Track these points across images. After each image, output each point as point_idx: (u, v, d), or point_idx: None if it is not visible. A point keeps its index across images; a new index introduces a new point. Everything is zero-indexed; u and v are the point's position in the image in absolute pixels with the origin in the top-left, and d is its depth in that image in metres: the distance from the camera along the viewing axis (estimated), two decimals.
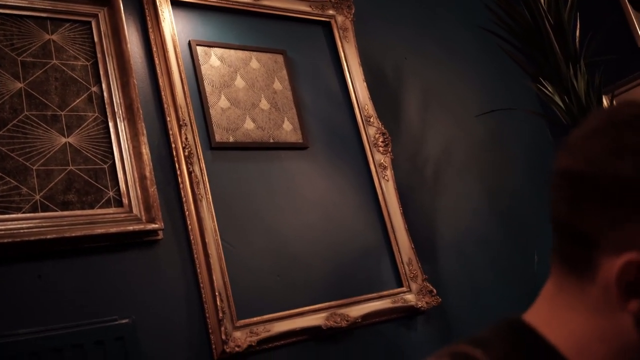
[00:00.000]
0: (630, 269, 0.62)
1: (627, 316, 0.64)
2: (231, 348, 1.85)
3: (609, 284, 0.64)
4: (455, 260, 2.58)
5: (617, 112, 0.67)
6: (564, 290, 0.70)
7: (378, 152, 2.51)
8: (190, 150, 2.01)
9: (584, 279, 0.67)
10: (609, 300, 0.65)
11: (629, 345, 0.65)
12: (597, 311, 0.66)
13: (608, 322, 0.66)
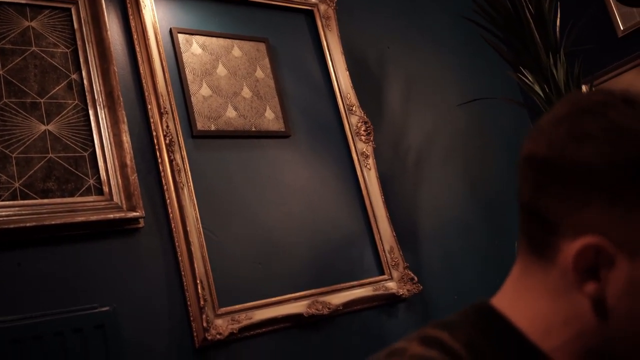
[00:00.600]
0: (587, 252, 0.63)
1: (585, 299, 0.65)
2: (213, 335, 1.86)
3: (567, 267, 0.65)
4: (437, 248, 2.60)
5: (581, 99, 0.68)
6: (529, 274, 0.71)
7: (360, 141, 2.52)
8: (171, 139, 2.01)
9: (546, 262, 0.68)
10: (568, 284, 0.66)
11: (588, 328, 0.66)
12: (558, 294, 0.67)
13: (569, 305, 0.67)
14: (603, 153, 0.63)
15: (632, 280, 0.62)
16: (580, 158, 0.64)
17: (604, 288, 0.64)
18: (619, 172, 0.62)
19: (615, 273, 0.63)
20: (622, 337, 0.64)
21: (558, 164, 0.65)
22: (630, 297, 0.63)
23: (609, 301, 0.64)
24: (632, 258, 0.62)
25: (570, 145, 0.65)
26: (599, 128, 0.64)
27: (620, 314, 0.63)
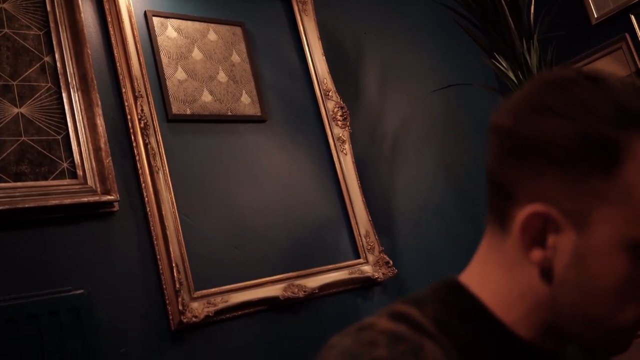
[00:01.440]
0: (535, 219, 0.65)
1: (535, 269, 0.66)
2: (188, 318, 1.87)
3: (516, 234, 0.66)
4: (412, 232, 2.63)
5: (548, 75, 0.70)
6: (492, 247, 0.72)
7: (337, 126, 2.53)
8: (146, 122, 2.00)
9: (504, 233, 0.69)
10: (519, 253, 0.67)
11: (541, 301, 0.67)
12: (513, 266, 0.69)
13: (522, 277, 0.68)
14: (560, 127, 0.64)
15: (578, 252, 0.64)
16: (539, 130, 0.65)
17: (551, 257, 0.65)
18: (572, 146, 0.63)
19: (562, 243, 0.65)
20: (571, 310, 0.66)
21: (518, 135, 0.67)
22: (577, 269, 0.64)
23: (557, 272, 0.65)
24: (579, 230, 0.64)
25: (531, 117, 0.66)
26: (560, 102, 0.65)
27: (568, 286, 0.65)
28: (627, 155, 0.62)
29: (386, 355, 0.63)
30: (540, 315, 0.68)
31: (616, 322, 0.65)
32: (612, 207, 0.63)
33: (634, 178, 0.62)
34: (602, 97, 0.64)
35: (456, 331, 0.68)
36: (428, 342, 0.66)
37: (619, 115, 0.63)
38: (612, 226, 0.63)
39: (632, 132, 0.63)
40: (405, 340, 0.65)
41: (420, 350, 0.64)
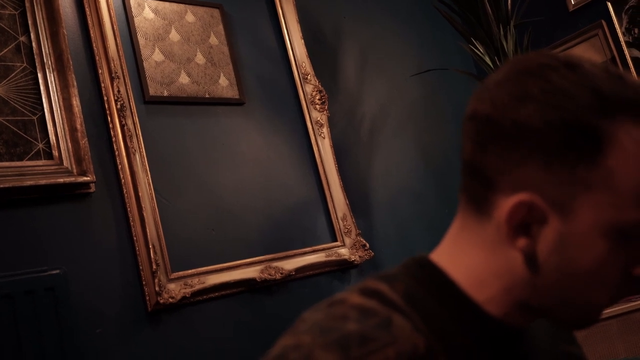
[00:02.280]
0: (521, 208, 0.66)
1: (517, 254, 0.69)
2: (165, 299, 1.88)
3: (501, 222, 0.68)
4: (389, 216, 2.66)
5: (525, 61, 0.70)
6: (466, 229, 0.74)
7: (315, 110, 2.54)
8: (122, 103, 1.99)
9: (482, 217, 0.71)
10: (501, 238, 0.69)
11: (519, 281, 0.69)
12: (492, 248, 0.71)
13: (501, 259, 0.70)
14: (542, 114, 0.65)
15: (561, 238, 0.66)
16: (520, 117, 0.66)
17: (535, 244, 0.67)
18: (555, 134, 0.64)
19: (545, 230, 0.66)
20: (549, 291, 0.68)
21: (499, 122, 0.67)
22: (559, 254, 0.66)
23: (539, 256, 0.67)
24: (562, 217, 0.65)
25: (511, 104, 0.67)
26: (540, 90, 0.66)
27: (548, 269, 0.67)
28: (610, 143, 0.64)
29: (356, 329, 0.64)
30: (514, 295, 0.70)
31: (593, 300, 0.68)
32: (595, 194, 0.64)
33: (617, 165, 0.64)
34: (580, 84, 0.65)
35: (425, 305, 0.70)
36: (397, 316, 0.67)
37: (598, 102, 0.64)
38: (594, 213, 0.64)
39: (613, 120, 0.64)
40: (375, 315, 0.67)
41: (390, 324, 0.66)
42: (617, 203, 0.64)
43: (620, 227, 0.64)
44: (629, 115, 0.64)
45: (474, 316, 0.71)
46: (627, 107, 0.64)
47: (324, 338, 0.63)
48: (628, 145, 0.64)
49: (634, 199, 0.64)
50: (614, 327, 2.13)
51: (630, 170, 0.64)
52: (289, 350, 0.63)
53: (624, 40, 2.71)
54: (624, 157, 0.63)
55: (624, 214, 0.64)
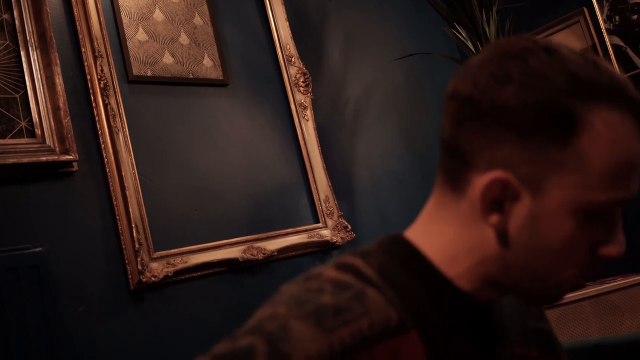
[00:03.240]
0: (495, 185, 0.69)
1: (490, 230, 0.72)
2: (147, 278, 1.90)
3: (475, 199, 0.71)
4: (371, 198, 2.69)
5: (507, 44, 0.73)
6: (442, 205, 0.77)
7: (299, 92, 2.55)
8: (106, 83, 2.00)
9: (458, 194, 0.74)
10: (475, 215, 0.72)
11: (490, 257, 0.72)
12: (466, 225, 0.73)
13: (474, 235, 0.73)
14: (519, 96, 0.67)
15: (532, 215, 0.68)
16: (499, 98, 0.68)
17: (507, 220, 0.70)
18: (530, 115, 0.67)
19: (518, 207, 0.69)
20: (518, 267, 0.71)
21: (478, 102, 0.70)
22: (529, 230, 0.69)
23: (510, 233, 0.70)
24: (534, 195, 0.68)
25: (491, 85, 0.69)
26: (519, 72, 0.68)
27: (519, 245, 0.70)
28: (583, 126, 0.66)
29: (331, 301, 0.67)
30: (485, 270, 0.73)
31: (560, 277, 0.71)
32: (567, 174, 0.67)
33: (588, 148, 0.66)
34: (557, 69, 0.67)
35: (398, 280, 0.73)
36: (371, 290, 0.70)
37: (574, 86, 0.67)
38: (564, 192, 0.67)
39: (587, 103, 0.66)
40: (349, 288, 0.70)
41: (364, 297, 0.68)
42: (587, 184, 0.67)
43: (589, 208, 0.67)
44: (602, 100, 0.66)
45: (445, 291, 0.73)
46: (601, 92, 0.67)
47: (299, 309, 0.65)
48: (600, 129, 0.66)
49: (603, 181, 0.67)
50: (588, 308, 2.18)
51: (601, 153, 0.66)
52: (265, 321, 0.65)
53: (604, 28, 2.74)
54: (596, 140, 0.66)
55: (593, 195, 0.67)
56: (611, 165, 0.67)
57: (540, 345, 0.86)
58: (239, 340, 0.62)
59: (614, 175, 0.67)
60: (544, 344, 0.87)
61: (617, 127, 0.67)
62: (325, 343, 0.62)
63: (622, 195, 0.68)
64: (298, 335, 0.62)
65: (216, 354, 0.60)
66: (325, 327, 0.63)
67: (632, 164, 0.68)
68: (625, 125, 0.67)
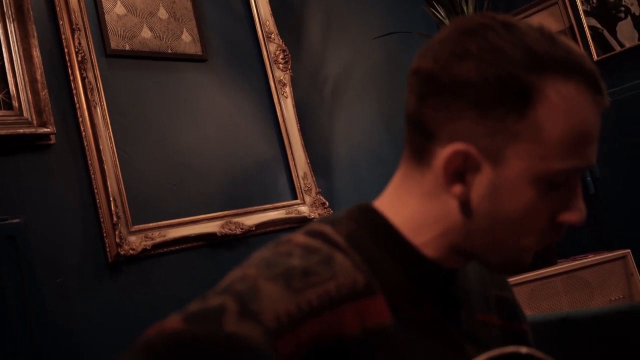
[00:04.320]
0: (456, 157, 0.72)
1: (453, 200, 0.75)
2: (125, 251, 1.91)
3: (439, 171, 0.74)
4: (349, 175, 2.71)
5: (466, 21, 0.75)
6: (408, 178, 0.80)
7: (278, 69, 2.56)
8: (83, 56, 1.99)
9: (423, 167, 0.77)
10: (439, 186, 0.75)
11: (454, 226, 0.75)
12: (431, 196, 0.76)
13: (439, 205, 0.76)
14: (478, 70, 0.70)
15: (493, 185, 0.71)
16: (459, 73, 0.71)
17: (469, 191, 0.73)
18: (489, 89, 0.69)
19: (479, 178, 0.72)
20: (481, 236, 0.74)
21: (440, 77, 0.73)
22: (491, 200, 0.72)
23: (473, 202, 0.73)
24: (494, 166, 0.71)
25: (452, 61, 0.72)
26: (478, 47, 0.71)
27: (481, 214, 0.73)
28: (539, 97, 0.69)
29: (300, 264, 0.69)
30: (449, 239, 0.76)
31: (520, 244, 0.74)
32: (524, 145, 0.70)
33: (544, 118, 0.69)
34: (515, 43, 0.70)
35: (366, 247, 0.76)
36: (339, 255, 0.73)
37: (530, 59, 0.69)
38: (522, 162, 0.70)
39: (543, 76, 0.69)
40: (318, 253, 0.72)
41: (332, 261, 0.71)
42: (543, 153, 0.70)
43: (547, 176, 0.70)
44: (558, 73, 0.69)
45: (411, 257, 0.76)
46: (556, 65, 0.69)
47: (269, 271, 0.68)
48: (555, 100, 0.69)
49: (559, 150, 0.70)
50: (559, 284, 2.24)
51: (556, 123, 0.69)
52: (235, 282, 0.67)
53: (582, 9, 2.78)
54: (552, 111, 0.69)
55: (550, 164, 0.70)
56: (567, 135, 0.70)
57: (502, 313, 0.89)
58: (210, 299, 0.65)
59: (570, 145, 0.70)
60: (507, 312, 0.90)
61: (572, 98, 0.69)
62: (293, 303, 0.64)
63: (579, 163, 0.71)
64: (267, 295, 0.64)
65: (188, 313, 0.63)
66: (293, 288, 0.66)
67: (587, 133, 0.71)
68: (581, 96, 0.70)
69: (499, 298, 0.90)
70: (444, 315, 0.76)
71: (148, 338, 0.59)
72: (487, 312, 0.86)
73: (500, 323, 0.87)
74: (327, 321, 0.65)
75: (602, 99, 0.72)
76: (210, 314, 0.62)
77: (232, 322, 0.60)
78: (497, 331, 0.85)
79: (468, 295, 0.84)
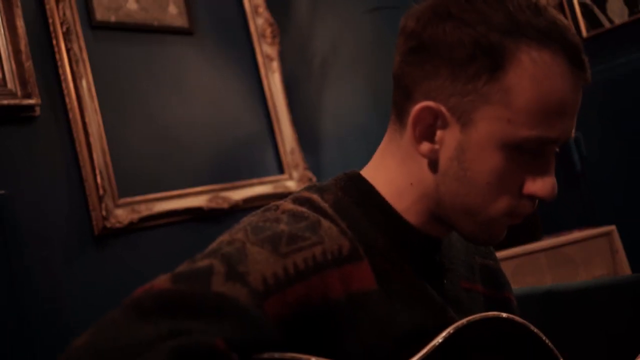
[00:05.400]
0: (425, 113, 0.72)
1: (425, 162, 0.75)
2: (112, 224, 1.91)
3: (409, 129, 0.74)
4: (337, 151, 2.71)
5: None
6: (391, 141, 0.80)
7: (265, 43, 2.54)
8: (68, 27, 1.96)
9: (402, 127, 0.77)
10: (412, 146, 0.75)
11: (428, 190, 0.76)
12: (407, 158, 0.77)
13: (414, 168, 0.76)
14: (455, 30, 0.71)
15: (461, 146, 0.72)
16: (437, 32, 0.72)
17: (438, 150, 0.73)
18: (463, 49, 0.70)
19: (448, 138, 0.72)
20: (450, 199, 0.74)
21: (419, 37, 0.73)
22: (459, 162, 0.72)
23: (442, 164, 0.73)
24: (463, 127, 0.72)
25: (432, 21, 0.73)
26: (459, 9, 0.71)
27: (449, 176, 0.73)
28: (511, 61, 0.69)
29: (287, 229, 0.70)
30: (426, 204, 0.77)
31: (489, 212, 0.74)
32: (493, 108, 0.70)
33: (515, 84, 0.69)
34: (497, 8, 0.70)
35: (352, 214, 0.76)
36: (325, 221, 0.73)
37: (508, 24, 0.70)
38: (491, 125, 0.71)
39: (518, 41, 0.69)
40: (305, 219, 0.73)
41: (318, 226, 0.72)
42: (512, 119, 0.70)
43: (514, 142, 0.70)
44: (534, 40, 0.69)
45: (395, 224, 0.77)
46: (534, 32, 0.70)
47: (256, 236, 0.69)
48: (528, 66, 0.69)
49: (527, 117, 0.70)
50: (543, 260, 2.26)
51: (526, 88, 0.69)
52: (224, 245, 0.68)
53: None
54: (523, 77, 0.69)
55: (517, 130, 0.70)
56: (536, 102, 0.69)
57: (486, 281, 0.90)
58: (199, 262, 0.66)
59: (539, 113, 0.70)
60: (490, 280, 0.92)
61: (546, 67, 0.69)
62: (280, 266, 0.65)
63: (549, 134, 0.71)
64: (254, 257, 0.65)
65: (176, 273, 0.63)
66: (280, 252, 0.66)
67: (559, 104, 0.71)
68: (556, 66, 0.70)
69: (483, 267, 0.91)
70: (427, 281, 0.77)
71: (137, 296, 0.59)
72: (471, 280, 0.87)
73: (485, 291, 0.89)
74: (313, 284, 0.66)
75: (581, 73, 0.71)
76: (199, 275, 0.62)
77: (220, 282, 0.61)
78: (480, 298, 0.86)
79: (453, 263, 0.85)
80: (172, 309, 0.57)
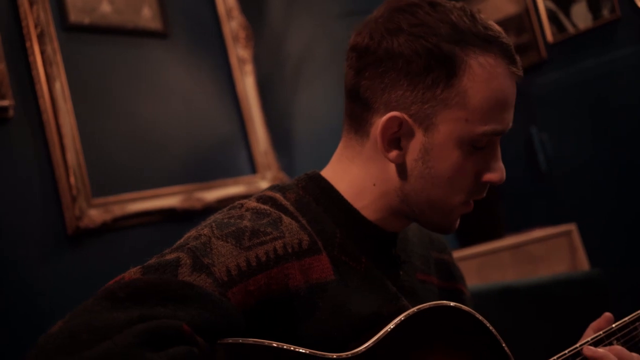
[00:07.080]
0: (391, 123, 0.79)
1: (390, 165, 0.82)
2: (85, 224, 1.93)
3: (377, 138, 0.80)
4: (310, 153, 2.76)
5: (397, 1, 0.83)
6: (349, 147, 0.86)
7: (239, 46, 2.58)
8: (42, 29, 1.98)
9: (362, 136, 0.84)
10: (377, 152, 0.82)
11: (392, 189, 0.83)
12: (370, 162, 0.84)
13: (377, 170, 0.83)
14: (409, 43, 0.77)
15: (425, 148, 0.79)
16: (392, 47, 0.78)
17: (404, 155, 0.80)
18: (419, 60, 0.77)
19: (412, 143, 0.80)
20: (416, 195, 0.82)
21: (375, 52, 0.80)
22: (423, 162, 0.80)
23: (408, 166, 0.80)
24: (426, 131, 0.79)
25: (386, 36, 0.79)
26: (408, 24, 0.78)
27: (415, 176, 0.80)
28: (463, 68, 0.77)
29: (250, 225, 0.75)
30: (387, 201, 0.83)
31: (451, 202, 0.82)
32: (451, 111, 0.78)
33: (469, 87, 0.77)
34: (440, 19, 0.78)
35: (312, 210, 0.82)
36: (286, 217, 0.79)
37: (454, 33, 0.77)
38: (450, 126, 0.78)
39: (466, 49, 0.77)
40: (267, 215, 0.78)
41: (279, 222, 0.77)
42: (468, 118, 0.78)
43: (470, 139, 0.78)
44: (477, 46, 0.77)
45: (353, 219, 0.83)
46: (476, 39, 0.77)
47: (221, 231, 0.74)
48: (477, 70, 0.77)
49: (481, 115, 0.78)
50: (506, 257, 2.33)
51: (478, 90, 0.77)
52: (190, 240, 0.73)
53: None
54: (474, 80, 0.77)
55: (473, 128, 0.78)
56: (487, 101, 0.78)
57: (441, 274, 0.97)
58: (167, 255, 0.71)
59: (490, 110, 0.78)
60: (445, 273, 0.98)
61: (492, 69, 0.78)
62: (242, 258, 0.70)
63: (498, 127, 0.80)
64: (219, 250, 0.70)
65: (146, 265, 0.68)
66: (243, 246, 0.72)
67: (505, 100, 0.80)
68: (499, 67, 0.78)
69: (438, 260, 0.98)
70: (383, 273, 0.83)
71: (109, 286, 0.64)
72: (427, 273, 0.93)
73: (439, 282, 0.95)
74: (274, 275, 0.72)
75: (517, 70, 0.80)
76: (167, 267, 0.67)
77: (187, 273, 0.67)
78: (435, 289, 0.93)
79: (409, 256, 0.91)
80: (142, 297, 0.62)
